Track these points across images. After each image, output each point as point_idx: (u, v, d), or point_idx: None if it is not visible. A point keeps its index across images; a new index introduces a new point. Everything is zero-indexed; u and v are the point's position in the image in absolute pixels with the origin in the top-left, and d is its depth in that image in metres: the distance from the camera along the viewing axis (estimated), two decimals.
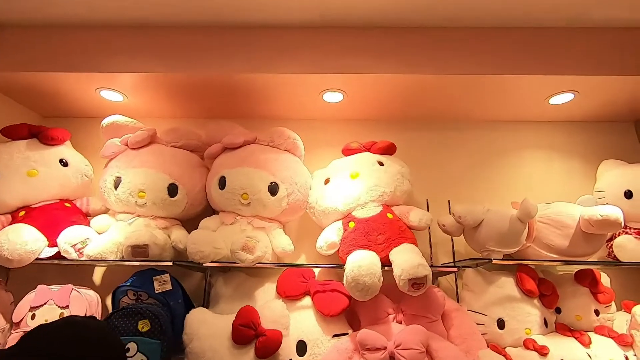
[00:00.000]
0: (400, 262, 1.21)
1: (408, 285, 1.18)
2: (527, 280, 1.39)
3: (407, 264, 1.19)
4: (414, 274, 1.16)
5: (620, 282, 1.65)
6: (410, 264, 1.18)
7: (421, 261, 1.19)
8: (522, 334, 1.34)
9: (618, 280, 1.65)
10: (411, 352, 1.13)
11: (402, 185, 1.44)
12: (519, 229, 1.34)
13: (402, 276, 1.18)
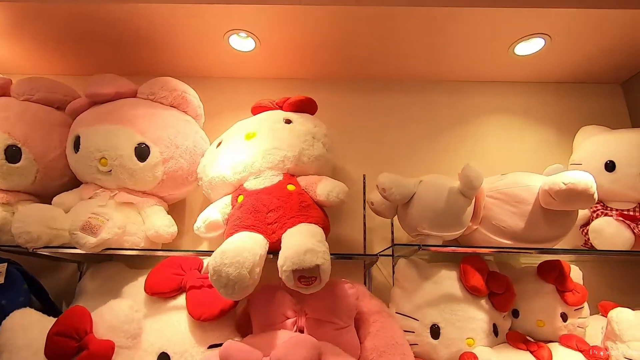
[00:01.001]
0: (285, 248, 0.87)
1: (293, 279, 0.84)
2: (472, 274, 1.05)
3: (292, 251, 0.84)
4: (299, 263, 0.82)
5: (599, 277, 1.33)
6: (295, 251, 0.84)
7: (312, 246, 0.84)
8: (462, 345, 1.01)
9: (595, 276, 1.33)
10: None
11: (310, 149, 1.09)
12: (460, 206, 1.00)
13: (284, 267, 0.84)
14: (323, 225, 1.00)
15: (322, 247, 0.87)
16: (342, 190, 1.03)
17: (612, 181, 1.20)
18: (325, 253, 0.86)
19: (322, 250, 0.85)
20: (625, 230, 1.11)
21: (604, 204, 1.25)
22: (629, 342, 0.93)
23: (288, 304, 1.04)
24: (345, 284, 1.01)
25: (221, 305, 0.99)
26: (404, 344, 1.01)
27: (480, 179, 0.96)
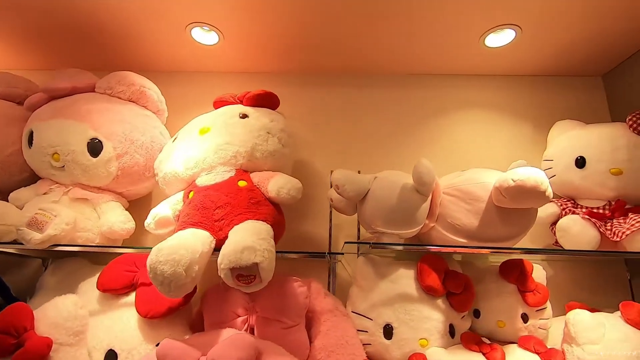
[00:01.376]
0: (225, 245, 0.85)
1: (232, 277, 0.83)
2: (428, 273, 1.02)
3: (230, 248, 0.82)
4: (236, 261, 0.80)
5: (570, 277, 1.29)
6: (232, 249, 0.82)
7: (251, 244, 0.82)
8: (415, 346, 0.99)
9: (566, 276, 1.29)
10: None
11: (264, 145, 1.07)
12: (414, 203, 0.97)
13: (222, 265, 0.82)
14: (273, 222, 0.98)
15: (264, 244, 0.85)
16: (293, 187, 1.01)
17: (582, 178, 1.16)
18: (267, 251, 0.84)
19: (262, 248, 0.83)
20: (591, 228, 1.06)
21: (575, 202, 1.21)
22: (584, 345, 0.89)
23: (240, 302, 1.02)
24: (295, 282, 0.99)
25: (169, 303, 0.98)
26: (355, 344, 0.99)
27: (430, 175, 0.92)
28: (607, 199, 1.14)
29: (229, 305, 1.01)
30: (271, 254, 0.86)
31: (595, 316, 0.93)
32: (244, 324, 1.00)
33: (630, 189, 1.10)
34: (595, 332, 0.90)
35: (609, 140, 1.14)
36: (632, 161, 1.10)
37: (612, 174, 1.11)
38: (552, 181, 1.23)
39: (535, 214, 0.97)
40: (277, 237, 1.06)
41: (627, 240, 1.03)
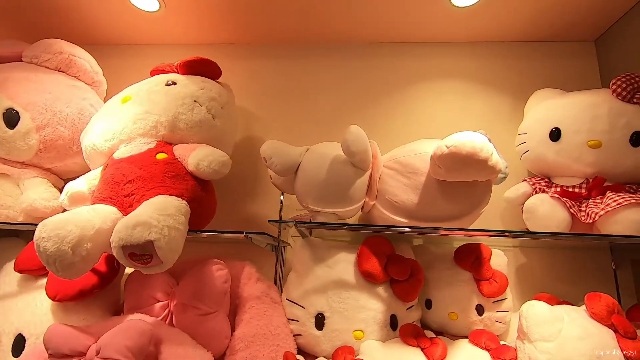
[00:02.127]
0: (120, 221, 0.76)
1: (124, 256, 0.73)
2: (367, 258, 0.90)
3: (122, 224, 0.73)
4: (126, 239, 0.71)
5: (545, 266, 1.15)
6: (125, 224, 0.73)
7: (146, 220, 0.72)
8: (348, 338, 0.88)
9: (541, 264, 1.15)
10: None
11: (189, 114, 0.96)
12: (346, 178, 0.86)
13: (113, 242, 0.73)
14: (191, 199, 0.88)
15: (165, 221, 0.75)
16: (215, 160, 0.90)
17: (556, 152, 1.01)
18: (167, 228, 0.74)
19: (161, 225, 0.74)
20: (561, 209, 0.92)
21: (550, 180, 1.07)
22: (536, 342, 0.76)
23: (161, 286, 0.93)
24: (214, 265, 0.89)
25: (80, 286, 0.90)
26: (280, 334, 0.89)
27: (359, 143, 0.80)
28: (584, 176, 0.99)
29: (149, 290, 0.93)
30: (175, 232, 0.77)
31: (554, 309, 0.79)
32: (163, 310, 0.91)
33: (610, 164, 0.95)
34: (551, 328, 0.76)
35: (589, 108, 0.98)
36: (613, 132, 0.94)
37: (590, 147, 0.96)
38: (526, 157, 1.10)
39: (485, 189, 0.83)
40: (202, 217, 0.96)
41: (601, 222, 0.89)
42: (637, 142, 0.93)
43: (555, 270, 1.14)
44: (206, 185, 0.96)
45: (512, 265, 1.15)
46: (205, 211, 0.96)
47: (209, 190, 0.97)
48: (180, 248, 0.79)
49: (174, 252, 0.76)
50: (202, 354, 0.78)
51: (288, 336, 0.90)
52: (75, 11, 1.24)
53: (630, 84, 0.96)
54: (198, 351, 0.78)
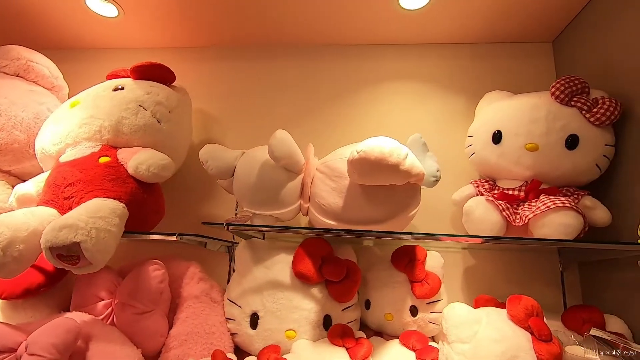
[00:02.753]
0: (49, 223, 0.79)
1: (52, 257, 0.77)
2: (301, 259, 0.92)
3: (50, 226, 0.77)
4: (52, 240, 0.74)
5: (494, 267, 1.15)
6: (52, 226, 0.76)
7: (73, 222, 0.76)
8: (280, 337, 0.90)
9: (490, 266, 1.15)
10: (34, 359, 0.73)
11: (132, 118, 0.99)
12: (277, 181, 0.88)
13: (42, 244, 0.76)
14: (129, 201, 0.91)
15: (93, 223, 0.78)
16: (155, 164, 0.93)
17: (498, 155, 1.02)
18: (95, 230, 0.77)
19: (88, 227, 0.77)
20: (494, 212, 0.93)
21: (494, 182, 1.07)
22: (453, 343, 0.78)
23: (106, 285, 0.97)
24: (151, 266, 0.92)
25: (26, 285, 0.94)
26: (215, 332, 0.92)
27: (282, 148, 0.82)
28: (523, 179, 0.99)
29: (93, 288, 0.96)
30: (104, 234, 0.80)
31: (473, 312, 0.80)
32: (106, 308, 0.95)
33: (546, 167, 0.95)
34: (467, 330, 0.77)
35: (528, 111, 0.99)
36: (549, 135, 0.94)
37: (527, 150, 0.96)
38: (472, 159, 1.10)
39: (411, 193, 0.84)
40: (147, 218, 0.99)
41: (532, 225, 0.89)
42: (573, 146, 0.93)
43: (504, 272, 1.14)
44: (150, 187, 0.99)
45: (461, 266, 1.16)
46: (149, 213, 0.99)
47: (153, 192, 1.00)
48: (111, 249, 0.82)
49: (102, 253, 0.79)
50: (130, 351, 0.81)
51: (223, 335, 0.93)
52: (36, 16, 1.28)
53: (568, 87, 0.96)
54: (126, 349, 0.81)
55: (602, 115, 0.92)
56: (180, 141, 1.13)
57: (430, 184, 0.92)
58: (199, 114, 1.35)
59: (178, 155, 1.12)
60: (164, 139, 1.05)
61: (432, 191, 1.15)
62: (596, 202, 0.92)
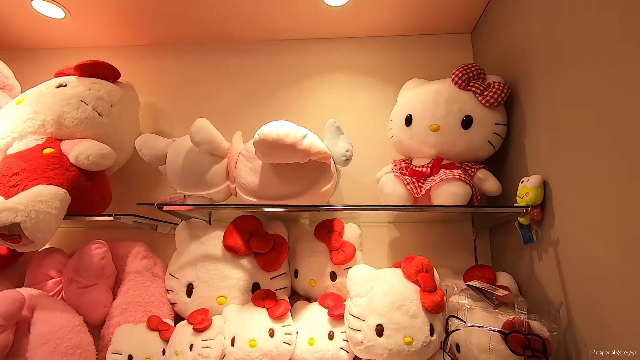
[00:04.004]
0: None
1: None
2: (229, 234, 1.04)
3: None
4: None
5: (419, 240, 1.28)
6: None
7: (12, 205, 0.85)
8: (212, 303, 1.01)
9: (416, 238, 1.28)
10: None
11: (74, 112, 1.08)
12: (202, 165, 0.99)
13: None
14: (71, 188, 1.01)
15: (33, 206, 0.88)
16: (94, 153, 1.03)
17: (409, 137, 1.14)
18: (34, 212, 0.87)
19: (27, 209, 0.87)
20: (399, 186, 1.05)
21: (410, 162, 1.19)
22: (354, 298, 0.90)
23: (55, 264, 1.07)
24: (94, 244, 1.02)
25: None
26: (154, 302, 1.03)
27: (199, 134, 0.93)
28: (430, 157, 1.12)
29: (44, 268, 1.06)
30: (44, 215, 0.90)
31: (372, 271, 0.93)
32: (56, 285, 1.05)
33: (447, 145, 1.07)
34: (365, 286, 0.90)
35: (433, 96, 1.10)
36: (448, 116, 1.06)
37: (431, 131, 1.09)
38: (392, 142, 1.22)
39: (319, 170, 0.96)
40: (92, 203, 1.09)
41: (431, 195, 1.02)
42: (467, 125, 1.05)
43: (425, 242, 1.27)
44: (93, 175, 1.09)
45: (387, 238, 1.29)
46: (95, 198, 1.09)
47: (97, 180, 1.10)
48: (52, 229, 0.92)
49: (43, 232, 0.89)
50: (70, 317, 0.91)
51: (163, 304, 1.04)
52: None
53: (465, 73, 1.08)
54: (67, 315, 0.91)
55: (491, 97, 1.04)
56: (124, 133, 1.22)
57: (342, 163, 1.03)
58: (148, 108, 1.44)
59: (123, 146, 1.21)
60: (106, 132, 1.14)
61: (364, 171, 1.28)
62: (488, 174, 1.05)
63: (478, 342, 0.79)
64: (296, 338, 0.95)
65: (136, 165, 1.33)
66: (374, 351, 0.85)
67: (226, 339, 0.93)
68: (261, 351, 0.89)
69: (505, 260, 1.14)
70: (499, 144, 1.08)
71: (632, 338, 0.65)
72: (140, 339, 0.92)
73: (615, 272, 0.69)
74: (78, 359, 0.86)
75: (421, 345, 0.84)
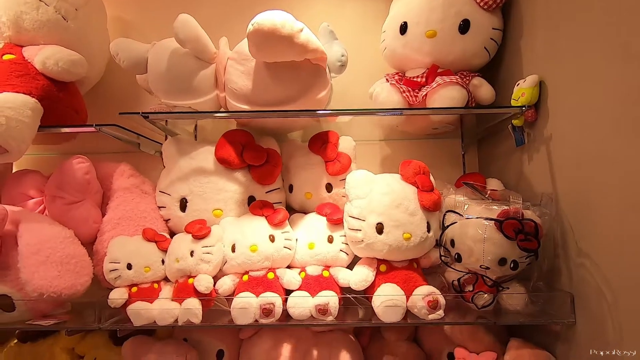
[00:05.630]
0: None
1: None
2: (222, 146, 1.00)
3: None
4: None
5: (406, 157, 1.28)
6: None
7: None
8: (208, 216, 0.99)
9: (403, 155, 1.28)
10: None
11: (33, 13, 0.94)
12: (189, 69, 0.92)
13: None
14: (41, 97, 0.91)
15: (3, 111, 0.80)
16: (63, 58, 0.93)
17: (403, 45, 1.09)
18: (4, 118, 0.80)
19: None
20: (396, 94, 1.03)
21: (403, 74, 1.16)
22: (353, 200, 0.91)
23: (34, 184, 1.00)
24: (75, 159, 0.96)
25: None
26: (146, 217, 1.00)
27: (184, 30, 0.85)
28: (425, 66, 1.09)
29: (21, 188, 1.00)
30: (17, 123, 0.82)
31: (369, 175, 0.93)
32: (37, 206, 0.99)
33: (443, 52, 1.04)
34: (364, 188, 0.91)
35: (429, 0, 1.05)
36: (445, 21, 1.02)
37: (427, 37, 1.05)
38: (385, 54, 1.17)
39: (314, 73, 0.91)
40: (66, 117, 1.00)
41: (428, 103, 1.00)
42: (465, 30, 1.02)
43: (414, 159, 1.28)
44: (65, 87, 0.99)
45: (378, 156, 1.29)
46: (68, 112, 1.00)
47: (69, 92, 1.00)
48: (26, 139, 0.85)
49: (17, 140, 0.82)
50: (60, 229, 0.87)
51: (156, 220, 1.01)
52: None
53: None
54: (55, 227, 0.87)
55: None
56: (93, 42, 1.10)
57: (337, 69, 0.99)
58: (118, 22, 1.30)
59: (94, 58, 1.09)
60: (72, 38, 1.02)
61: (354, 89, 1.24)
62: (482, 81, 1.04)
63: (473, 233, 0.83)
64: (296, 244, 0.96)
65: (111, 82, 1.23)
66: (374, 248, 0.88)
67: (226, 246, 0.92)
68: (263, 255, 0.90)
69: (493, 168, 1.18)
70: (494, 51, 1.07)
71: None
72: (138, 249, 0.90)
73: (606, 168, 0.72)
74: (74, 268, 0.83)
75: (419, 241, 0.87)
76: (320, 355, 0.95)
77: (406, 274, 0.89)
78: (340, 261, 0.95)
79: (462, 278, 0.90)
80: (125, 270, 0.86)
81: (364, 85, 1.20)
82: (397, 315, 0.81)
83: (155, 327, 0.82)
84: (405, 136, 1.29)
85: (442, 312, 0.83)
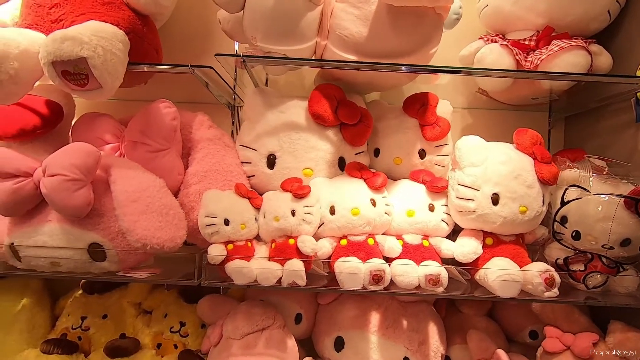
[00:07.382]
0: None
1: (57, 75, 0.71)
2: (317, 100, 0.91)
3: (49, 38, 0.69)
4: (56, 52, 0.68)
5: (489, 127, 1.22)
6: (52, 38, 0.68)
7: (76, 35, 0.68)
8: (298, 175, 0.93)
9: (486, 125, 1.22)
10: (56, 179, 0.70)
11: None
12: (297, 10, 0.81)
13: (41, 58, 0.70)
14: (127, 29, 0.82)
15: (98, 41, 0.71)
16: None
17: (512, 3, 0.99)
18: (100, 48, 0.71)
19: (93, 43, 0.70)
20: (507, 56, 0.94)
21: (504, 37, 1.06)
22: (465, 167, 0.85)
23: (109, 129, 0.93)
24: (162, 103, 0.87)
25: (21, 124, 0.87)
26: (232, 171, 0.93)
27: None
28: (535, 28, 0.99)
29: (97, 132, 0.92)
30: (111, 56, 0.73)
31: (483, 141, 0.86)
32: (114, 152, 0.92)
33: (559, 12, 0.95)
34: (479, 155, 0.84)
35: None
36: None
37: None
38: (484, 13, 1.08)
39: (435, 25, 0.82)
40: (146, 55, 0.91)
41: (543, 66, 0.92)
42: None
43: (498, 130, 1.18)
44: (148, 22, 0.89)
45: (459, 125, 1.22)
46: (149, 49, 0.91)
47: (150, 27, 0.91)
48: (119, 74, 0.76)
49: (112, 75, 0.74)
50: (154, 177, 0.80)
51: (241, 175, 0.95)
52: None
53: None
54: (149, 175, 0.80)
55: None
56: None
57: (452, 23, 0.90)
58: None
59: None
60: None
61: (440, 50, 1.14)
62: (601, 49, 0.96)
63: (600, 211, 0.78)
64: (393, 210, 0.91)
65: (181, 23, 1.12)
66: (487, 219, 0.82)
67: (323, 208, 0.87)
68: (365, 219, 0.84)
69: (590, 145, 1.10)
70: (616, 14, 0.97)
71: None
72: (233, 205, 0.84)
73: None
74: (172, 220, 0.77)
75: (534, 215, 0.82)
76: (410, 326, 0.92)
77: (514, 249, 0.85)
78: (440, 231, 0.90)
79: (570, 257, 0.85)
80: (223, 226, 0.80)
81: (452, 48, 1.10)
82: (514, 291, 0.76)
83: (257, 286, 0.77)
84: (490, 105, 1.21)
85: (557, 291, 0.79)
